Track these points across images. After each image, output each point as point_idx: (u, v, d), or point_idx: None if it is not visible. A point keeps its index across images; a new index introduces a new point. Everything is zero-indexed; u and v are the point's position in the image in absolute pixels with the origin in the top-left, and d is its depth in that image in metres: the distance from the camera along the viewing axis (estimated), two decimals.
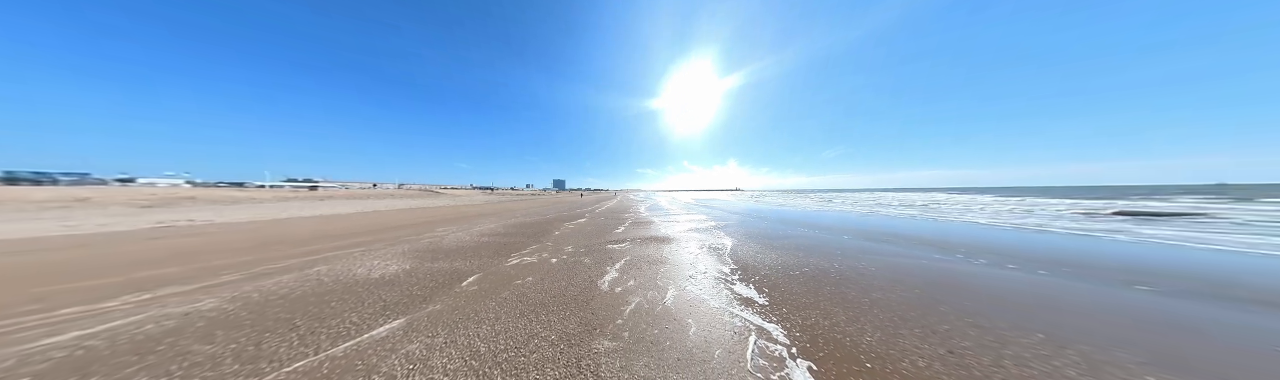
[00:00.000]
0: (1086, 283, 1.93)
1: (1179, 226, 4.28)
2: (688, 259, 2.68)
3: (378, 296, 1.73)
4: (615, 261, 2.57)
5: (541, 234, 4.11)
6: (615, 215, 7.06)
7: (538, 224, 5.25)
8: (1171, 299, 1.64)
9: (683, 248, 3.17)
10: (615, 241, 3.54)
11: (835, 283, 1.97)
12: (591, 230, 4.50)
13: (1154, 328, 1.32)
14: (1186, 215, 5.60)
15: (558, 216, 6.75)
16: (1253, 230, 3.99)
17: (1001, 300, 1.64)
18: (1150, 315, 1.45)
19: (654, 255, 2.81)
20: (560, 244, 3.37)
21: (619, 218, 6.48)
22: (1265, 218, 5.28)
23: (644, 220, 5.93)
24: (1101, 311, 1.48)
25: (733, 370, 1.05)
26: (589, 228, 4.81)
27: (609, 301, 1.66)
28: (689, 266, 2.43)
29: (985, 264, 2.42)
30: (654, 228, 4.79)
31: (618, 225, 5.17)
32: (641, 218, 6.47)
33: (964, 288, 1.85)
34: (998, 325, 1.35)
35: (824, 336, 1.28)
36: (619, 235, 4.03)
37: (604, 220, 5.94)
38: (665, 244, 3.39)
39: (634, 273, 2.22)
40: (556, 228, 4.80)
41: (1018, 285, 1.90)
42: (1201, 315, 1.44)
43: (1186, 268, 2.23)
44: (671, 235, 4.02)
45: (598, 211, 8.27)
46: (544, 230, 4.49)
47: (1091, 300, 1.64)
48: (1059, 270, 2.21)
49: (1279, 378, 0.98)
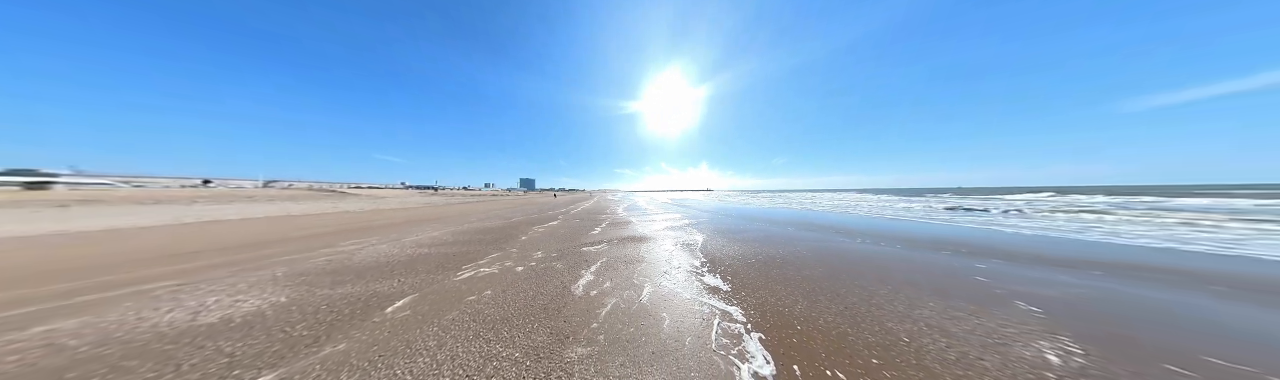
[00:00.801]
0: (916, 251, 2.93)
1: (986, 216, 6.42)
2: (664, 256, 2.78)
3: (217, 350, 1.09)
4: (591, 264, 2.47)
5: (504, 240, 3.61)
6: (592, 216, 6.76)
7: (500, 229, 4.60)
8: (955, 257, 2.67)
9: (659, 246, 3.28)
10: (591, 243, 3.40)
11: (779, 266, 2.39)
12: (565, 233, 4.20)
13: (941, 275, 2.12)
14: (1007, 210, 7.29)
15: (526, 220, 6.04)
16: (1031, 219, 5.63)
17: (871, 267, 2.36)
18: (943, 269, 2.30)
19: (631, 255, 2.82)
20: (528, 250, 3.03)
21: (596, 219, 6.23)
22: (1055, 210, 7.17)
23: (622, 221, 5.86)
24: (921, 269, 2.31)
25: (701, 353, 1.15)
26: (563, 230, 4.49)
27: (584, 306, 1.59)
28: (664, 263, 2.53)
29: (865, 242, 3.44)
30: (631, 228, 4.79)
31: (594, 226, 4.98)
32: (619, 218, 6.38)
33: (853, 260, 2.58)
34: (869, 284, 1.94)
35: (770, 310, 1.54)
36: (595, 237, 3.89)
37: (579, 222, 5.62)
38: (642, 243, 3.43)
39: (610, 274, 2.18)
40: (523, 232, 4.30)
41: (880, 255, 2.77)
42: (964, 265, 2.39)
43: (971, 240, 3.62)
44: (648, 234, 4.10)
45: (572, 213, 7.76)
46: (508, 236, 3.96)
47: (918, 261, 2.53)
48: (904, 244, 3.31)
49: (984, 291, 1.72)
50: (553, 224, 5.34)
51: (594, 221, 5.75)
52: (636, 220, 5.94)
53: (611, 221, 5.75)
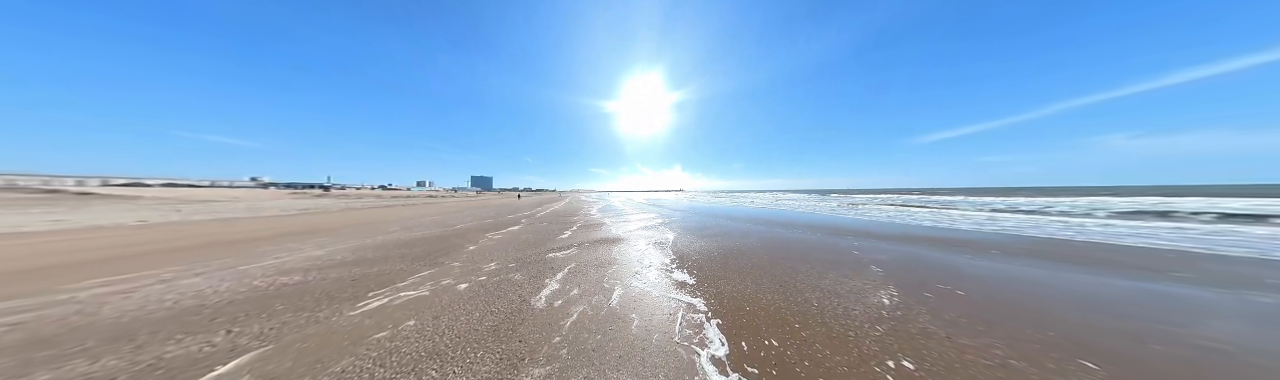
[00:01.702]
0: (823, 236, 3.96)
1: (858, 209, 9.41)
2: (636, 256, 2.81)
3: None
4: (557, 271, 2.27)
5: (442, 253, 2.92)
6: (561, 219, 6.24)
7: (436, 240, 3.69)
8: (842, 239, 3.72)
9: (632, 246, 3.30)
10: (559, 248, 3.14)
11: (736, 257, 2.77)
12: (529, 239, 3.73)
13: (835, 252, 2.93)
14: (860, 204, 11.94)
15: (477, 226, 5.05)
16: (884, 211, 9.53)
17: (797, 250, 3.05)
18: (835, 248, 3.18)
19: (602, 258, 2.73)
20: (477, 262, 2.54)
21: (566, 221, 5.78)
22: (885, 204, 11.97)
23: (595, 222, 5.62)
24: (825, 249, 3.13)
25: (666, 347, 1.21)
26: (526, 236, 3.97)
27: (546, 319, 1.45)
28: (636, 263, 2.55)
29: (794, 231, 4.39)
30: (605, 229, 4.65)
31: (563, 230, 4.61)
32: (592, 220, 6.11)
33: (787, 247, 3.27)
34: (795, 264, 2.48)
35: (728, 297, 1.76)
36: (564, 241, 3.60)
37: (546, 226, 5.09)
38: (615, 245, 3.38)
39: (578, 280, 2.06)
40: (472, 241, 3.59)
41: (802, 241, 3.60)
42: (847, 244, 3.37)
43: (850, 226, 5.10)
44: (622, 235, 4.06)
45: (539, 216, 6.97)
46: (448, 247, 3.22)
47: (824, 243, 3.42)
48: (817, 231, 4.40)
49: (855, 261, 2.46)
50: (514, 229, 4.66)
51: (564, 224, 5.31)
52: (611, 222, 5.80)
53: (584, 224, 5.44)
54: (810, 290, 1.88)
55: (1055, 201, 9.96)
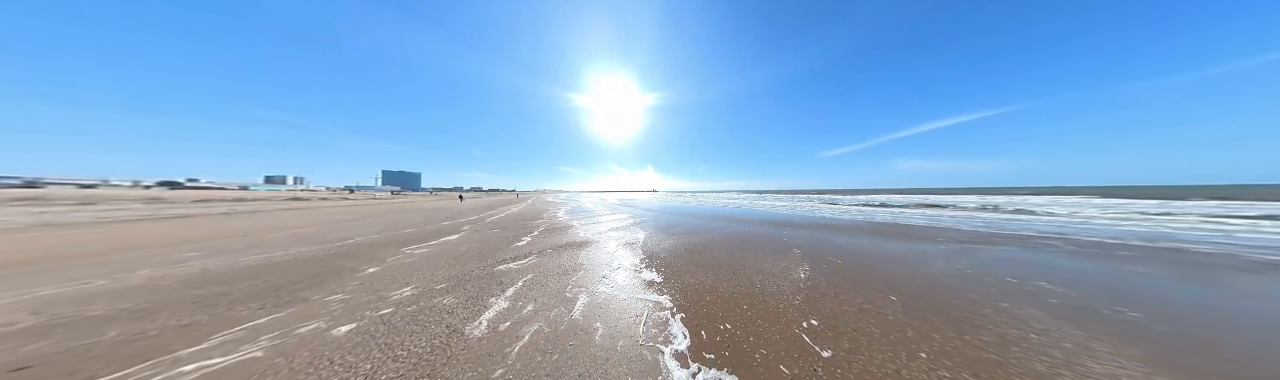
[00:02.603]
0: (766, 228, 4.87)
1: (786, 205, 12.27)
2: (605, 259, 2.70)
3: None
4: (507, 286, 1.92)
5: (310, 283, 1.99)
6: (519, 224, 5.38)
7: (301, 264, 2.51)
8: (778, 229, 4.69)
9: (602, 249, 3.15)
10: (513, 258, 2.68)
11: (700, 252, 3.03)
12: (471, 250, 3.03)
13: (772, 240, 3.64)
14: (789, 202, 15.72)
15: (387, 239, 3.74)
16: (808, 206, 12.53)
17: (747, 241, 3.61)
18: (773, 237, 3.97)
19: (567, 264, 2.49)
20: (378, 290, 1.86)
21: (525, 226, 5.03)
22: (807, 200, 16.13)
23: (561, 226, 5.12)
24: (766, 238, 3.84)
25: (631, 352, 1.18)
26: (467, 247, 3.22)
27: (485, 350, 1.18)
28: (605, 266, 2.45)
29: (745, 225, 5.19)
30: (572, 233, 4.29)
31: (521, 236, 3.99)
32: (558, 223, 5.54)
33: (740, 239, 3.82)
34: (744, 253, 2.92)
35: (691, 290, 1.88)
36: (520, 249, 3.10)
37: (499, 233, 4.29)
38: (583, 249, 3.15)
39: (535, 293, 1.80)
40: (375, 260, 2.61)
41: (751, 233, 4.30)
42: (779, 233, 4.27)
43: (782, 219, 6.56)
44: (591, 238, 3.84)
45: (489, 222, 5.78)
46: (324, 273, 2.23)
47: (766, 234, 4.18)
48: (762, 225, 5.35)
49: (784, 246, 3.16)
50: (449, 239, 3.71)
51: (522, 229, 4.61)
52: (580, 224, 5.41)
53: (548, 227, 4.88)
54: (755, 274, 2.23)
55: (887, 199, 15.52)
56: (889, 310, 1.57)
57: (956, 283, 2.00)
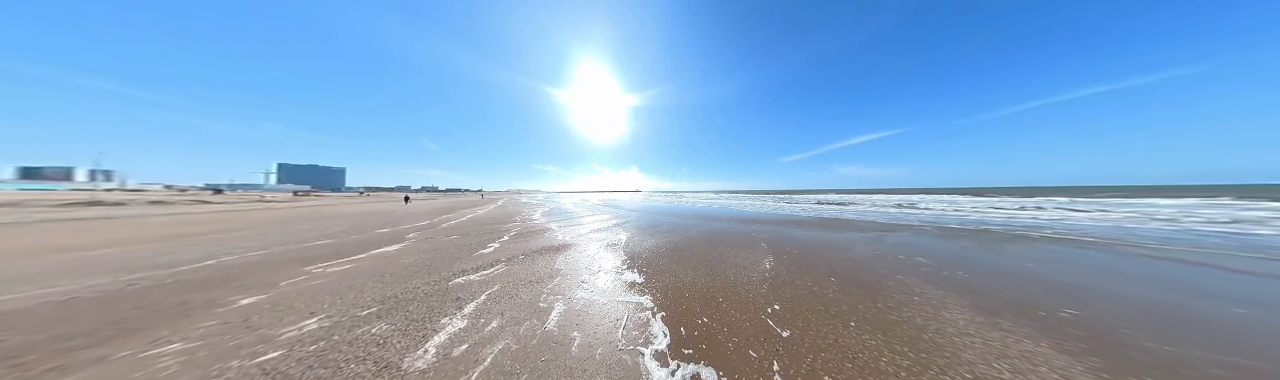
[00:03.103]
0: (738, 225, 5.37)
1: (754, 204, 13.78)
2: (585, 263, 2.58)
3: None
4: (466, 302, 1.66)
5: (132, 329, 1.32)
6: (485, 228, 4.75)
7: (124, 299, 1.66)
8: (747, 225, 5.23)
9: (582, 252, 3.01)
10: (474, 269, 2.33)
11: (681, 250, 3.14)
12: (417, 264, 2.52)
13: (742, 236, 4.04)
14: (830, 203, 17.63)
15: (277, 257, 2.77)
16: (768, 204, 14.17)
17: (722, 237, 3.92)
18: (743, 232, 4.42)
19: (542, 271, 2.29)
20: (265, 325, 1.38)
21: (493, 230, 4.47)
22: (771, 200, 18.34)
23: (536, 229, 4.72)
24: (738, 234, 4.24)
25: (611, 359, 1.14)
26: (412, 259, 2.68)
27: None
28: (585, 270, 2.34)
29: (720, 223, 5.64)
30: (550, 236, 3.98)
31: (488, 242, 3.53)
32: (534, 226, 5.09)
33: (716, 236, 4.12)
34: (720, 249, 3.15)
35: (671, 288, 1.93)
36: (485, 258, 2.72)
37: (457, 240, 3.69)
38: (561, 253, 2.95)
39: (501, 306, 1.60)
40: (266, 283, 1.92)
41: (727, 230, 4.69)
42: (748, 229, 4.76)
43: (750, 215, 7.37)
44: (571, 241, 3.63)
45: (443, 228, 4.89)
46: (155, 313, 1.52)
47: (737, 230, 4.61)
48: (735, 222, 5.90)
49: (753, 240, 3.55)
50: (387, 251, 3.02)
51: (489, 234, 4.08)
52: (558, 226, 5.06)
53: (521, 231, 4.42)
54: (729, 267, 2.42)
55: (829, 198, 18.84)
56: (830, 290, 1.89)
57: (871, 262, 2.56)
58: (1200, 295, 1.77)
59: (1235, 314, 1.51)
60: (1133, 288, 1.88)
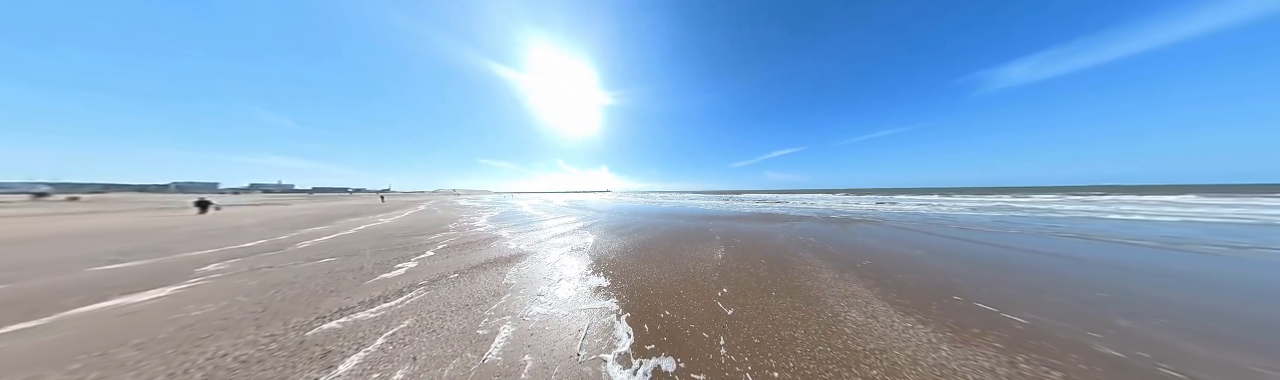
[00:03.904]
0: (698, 222, 6.05)
1: (714, 203, 15.75)
2: (544, 273, 2.29)
3: None
4: (339, 357, 1.15)
5: None
6: (390, 243, 3.44)
7: None
8: (706, 221, 5.99)
9: (541, 261, 2.66)
10: (363, 304, 1.63)
11: (648, 248, 3.23)
12: (231, 312, 1.54)
13: (699, 230, 4.62)
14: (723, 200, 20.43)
15: None
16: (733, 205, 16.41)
17: (683, 233, 4.31)
18: (701, 227, 5.03)
19: (480, 292, 1.86)
20: None
21: (405, 245, 3.28)
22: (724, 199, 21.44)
23: (479, 237, 3.85)
24: (697, 229, 4.77)
25: (569, 373, 1.05)
26: (215, 307, 1.59)
27: None
28: (543, 281, 2.07)
29: (682, 220, 6.20)
30: (498, 246, 3.33)
31: (395, 262, 2.55)
32: (475, 234, 4.13)
33: (679, 232, 4.48)
34: (680, 244, 3.45)
35: (637, 287, 1.96)
36: (387, 284, 1.96)
37: (331, 264, 2.50)
38: (511, 265, 2.51)
39: (409, 350, 1.20)
40: None
41: (688, 227, 5.18)
42: (705, 224, 5.49)
43: (707, 212, 8.46)
44: (526, 250, 3.15)
45: (297, 249, 3.22)
46: None
47: (697, 225, 5.18)
48: (696, 219, 6.61)
49: (709, 234, 4.08)
50: (150, 299, 1.67)
51: (396, 252, 2.97)
52: (512, 233, 4.31)
53: (455, 243, 3.49)
54: (688, 260, 2.67)
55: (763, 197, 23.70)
56: (761, 269, 2.36)
57: (786, 245, 3.38)
58: (917, 248, 3.24)
59: (919, 254, 2.89)
60: (893, 246, 3.30)
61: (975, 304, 1.64)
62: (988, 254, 2.83)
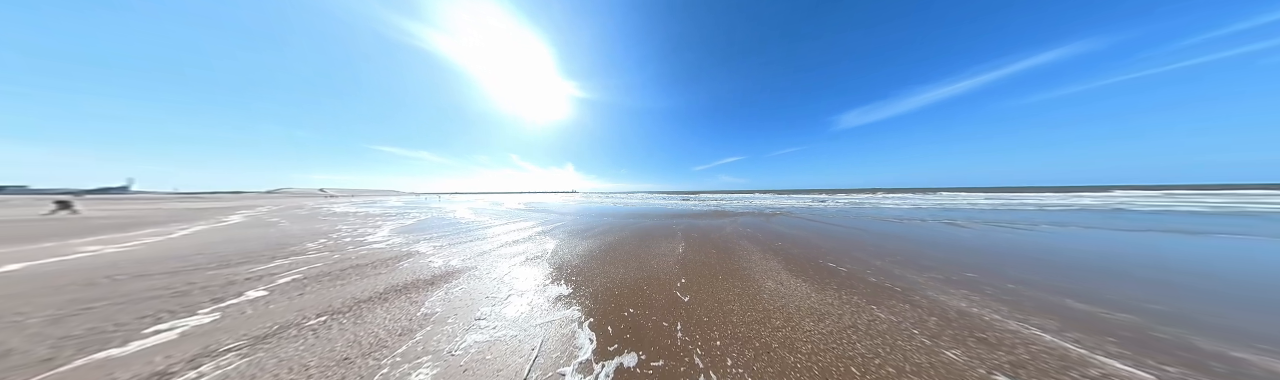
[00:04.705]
0: (665, 220, 6.50)
1: (676, 203, 17.06)
2: (486, 291, 1.89)
3: None
4: None
5: None
6: (150, 286, 1.91)
7: None
8: (674, 219, 6.51)
9: (485, 276, 2.19)
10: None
11: (614, 249, 3.21)
12: None
13: (664, 228, 4.99)
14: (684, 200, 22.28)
15: None
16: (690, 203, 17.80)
17: (647, 232, 4.53)
18: (667, 225, 5.44)
19: (378, 332, 1.36)
20: None
21: (195, 287, 1.90)
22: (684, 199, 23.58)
23: (375, 257, 2.76)
24: (661, 227, 5.13)
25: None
26: None
27: None
28: (485, 301, 1.72)
29: (648, 219, 6.52)
30: (412, 265, 2.50)
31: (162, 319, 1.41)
32: (366, 253, 2.92)
33: (645, 231, 4.67)
34: (647, 241, 3.63)
35: (601, 289, 1.91)
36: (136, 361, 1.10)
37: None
38: (433, 289, 1.94)
39: None
40: None
41: (653, 225, 5.48)
42: (671, 222, 5.99)
43: (674, 211, 9.20)
44: (459, 266, 2.52)
45: None
46: None
47: (663, 224, 5.55)
48: (663, 218, 7.08)
49: (672, 232, 4.48)
50: None
51: (155, 303, 1.66)
52: (435, 247, 3.33)
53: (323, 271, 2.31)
54: (652, 257, 2.82)
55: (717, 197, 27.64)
56: (712, 259, 2.77)
57: (731, 235, 4.11)
58: (805, 231, 4.63)
59: (805, 235, 4.16)
60: (794, 231, 4.58)
61: (828, 264, 2.52)
62: (839, 232, 4.35)
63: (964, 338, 1.28)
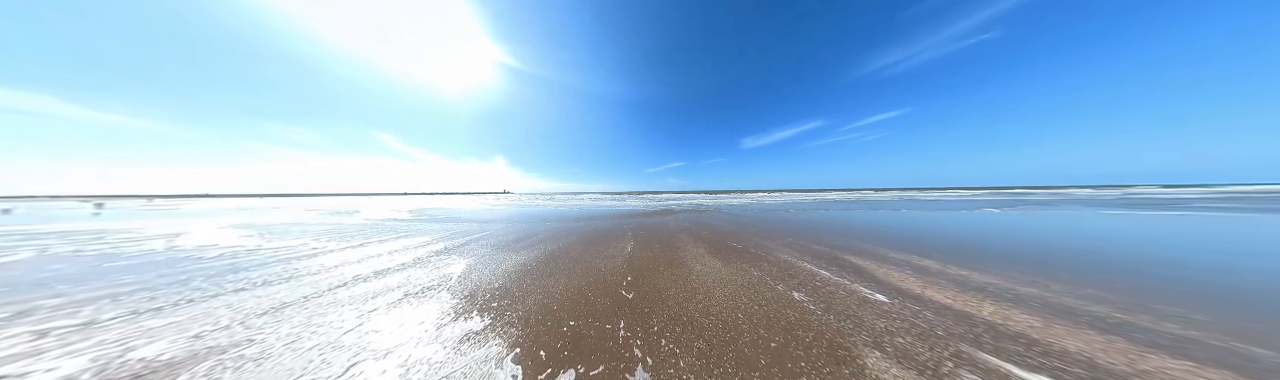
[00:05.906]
0: (614, 221, 6.53)
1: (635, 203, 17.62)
2: (298, 364, 1.12)
3: None
4: None
5: None
6: None
7: None
8: (625, 219, 6.63)
9: (302, 342, 1.27)
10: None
11: (555, 258, 2.86)
12: None
13: (612, 229, 5.07)
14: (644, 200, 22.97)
15: None
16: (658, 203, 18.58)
17: (600, 233, 4.44)
18: (615, 227, 5.51)
19: None
20: None
21: None
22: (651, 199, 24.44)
23: None
24: (612, 230, 5.17)
25: None
26: None
27: None
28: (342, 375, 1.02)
29: (601, 221, 6.40)
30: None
31: None
32: None
33: (592, 233, 4.53)
34: (599, 244, 3.54)
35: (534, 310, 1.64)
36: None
37: None
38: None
39: None
40: None
41: (605, 226, 5.42)
42: (621, 222, 6.14)
43: (624, 211, 9.40)
44: (199, 348, 1.34)
45: None
46: None
47: (614, 225, 5.61)
48: (614, 219, 7.08)
49: (620, 233, 4.62)
50: None
51: None
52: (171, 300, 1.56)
53: None
54: (598, 259, 2.76)
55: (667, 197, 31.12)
56: (657, 253, 3.08)
57: (673, 230, 4.76)
58: (725, 222, 6.23)
59: (723, 224, 5.63)
60: (718, 223, 6.03)
61: (732, 244, 3.49)
62: (741, 221, 6.10)
63: (786, 277, 2.18)
